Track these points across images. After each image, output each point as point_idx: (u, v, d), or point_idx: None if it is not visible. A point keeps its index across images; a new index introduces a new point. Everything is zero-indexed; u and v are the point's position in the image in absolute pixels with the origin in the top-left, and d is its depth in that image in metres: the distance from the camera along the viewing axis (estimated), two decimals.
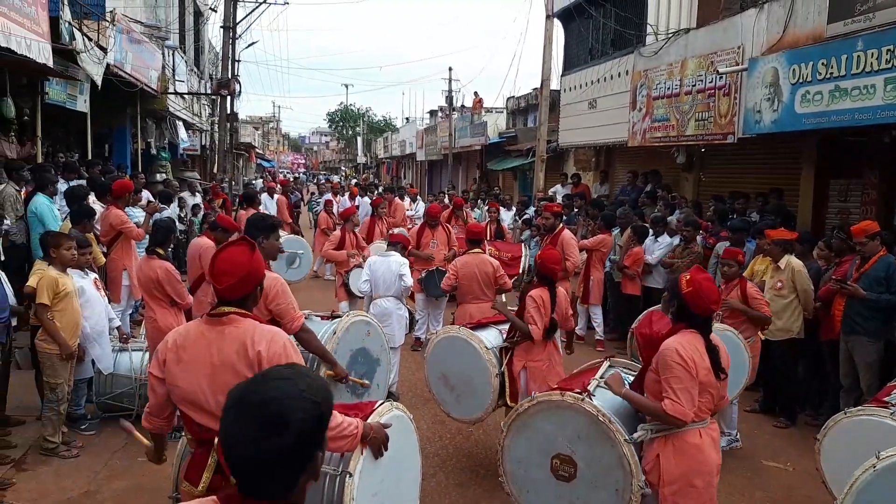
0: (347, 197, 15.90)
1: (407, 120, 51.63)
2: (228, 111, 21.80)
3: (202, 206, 13.67)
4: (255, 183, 27.15)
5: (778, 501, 5.18)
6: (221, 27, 20.93)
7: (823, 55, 7.78)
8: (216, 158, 23.08)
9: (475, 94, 31.00)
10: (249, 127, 46.33)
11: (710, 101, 10.39)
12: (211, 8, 22.93)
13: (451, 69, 35.21)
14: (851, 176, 9.14)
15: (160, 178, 15.60)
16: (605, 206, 11.00)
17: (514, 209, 15.31)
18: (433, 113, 41.92)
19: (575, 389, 3.67)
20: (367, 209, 12.59)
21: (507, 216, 13.96)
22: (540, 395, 3.77)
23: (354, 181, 29.60)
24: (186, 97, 18.80)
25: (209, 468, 2.59)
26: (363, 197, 15.87)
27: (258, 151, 48.64)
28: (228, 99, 21.00)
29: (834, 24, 7.90)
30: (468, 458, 5.72)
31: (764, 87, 8.80)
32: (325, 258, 9.83)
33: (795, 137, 9.18)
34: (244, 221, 10.95)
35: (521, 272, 9.17)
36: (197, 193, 14.77)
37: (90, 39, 10.15)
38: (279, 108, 70.93)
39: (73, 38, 9.31)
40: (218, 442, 2.59)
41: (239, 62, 23.72)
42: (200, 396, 2.59)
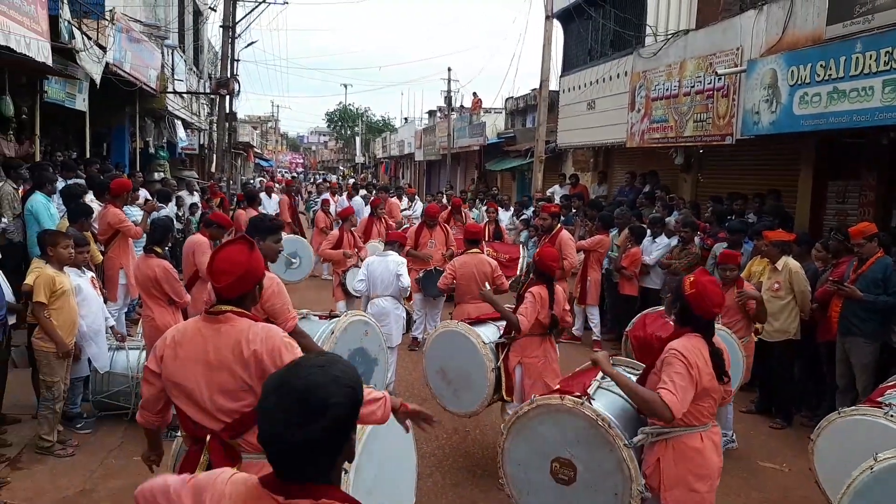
0: (346, 196, 15.92)
1: (405, 120, 51.61)
2: (227, 110, 21.78)
3: (200, 205, 13.66)
4: (253, 182, 27.14)
5: (774, 502, 5.19)
6: (221, 26, 20.92)
7: (822, 57, 7.79)
8: (214, 158, 23.08)
9: (474, 94, 31.04)
10: (248, 126, 46.35)
11: (708, 102, 10.39)
12: (210, 7, 22.93)
13: (450, 69, 35.26)
14: (849, 177, 9.15)
15: (158, 176, 15.59)
16: (603, 206, 11.01)
17: (511, 209, 15.35)
18: (432, 113, 41.90)
19: (575, 392, 3.65)
20: (358, 209, 12.63)
21: (504, 216, 13.97)
22: (539, 398, 3.74)
23: (352, 181, 29.57)
24: (185, 96, 18.79)
25: (201, 465, 2.59)
26: (354, 197, 15.94)
27: (256, 151, 48.59)
28: (227, 98, 20.98)
29: (833, 25, 7.91)
30: (465, 457, 5.72)
31: (762, 88, 8.81)
32: (322, 257, 9.85)
33: (794, 139, 9.18)
34: (242, 220, 11.06)
35: (518, 273, 9.17)
36: (195, 192, 14.77)
37: (89, 38, 10.14)
38: (278, 107, 71.10)
39: (72, 36, 9.30)
40: (210, 440, 2.59)
41: (238, 61, 23.74)
42: (196, 393, 2.59)
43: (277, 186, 21.46)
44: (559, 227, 8.54)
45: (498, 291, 6.94)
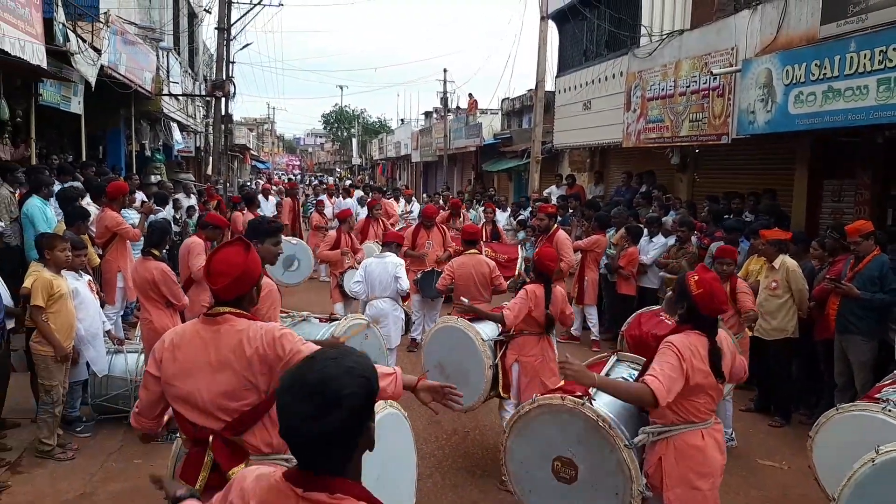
0: (350, 199, 15.98)
1: (402, 121, 51.58)
2: (223, 113, 21.76)
3: (197, 207, 13.65)
4: (249, 185, 27.10)
5: (773, 500, 5.20)
6: (216, 28, 20.86)
7: (817, 56, 7.82)
8: (211, 160, 23.03)
9: (470, 95, 31.01)
10: (244, 128, 46.23)
11: (704, 102, 10.42)
12: (205, 9, 22.91)
13: (445, 71, 35.31)
14: (845, 176, 9.19)
15: (154, 179, 15.56)
16: (600, 206, 11.02)
17: (508, 210, 15.38)
18: (428, 114, 41.88)
19: (577, 392, 3.66)
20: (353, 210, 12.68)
21: (501, 217, 13.98)
22: (541, 397, 3.75)
23: (349, 182, 29.56)
24: (181, 99, 18.77)
25: (206, 467, 2.58)
26: (346, 199, 15.99)
27: (253, 153, 48.53)
28: (223, 100, 20.96)
29: (827, 25, 7.94)
30: (464, 458, 5.72)
31: (758, 87, 8.84)
32: (319, 259, 9.86)
33: (789, 138, 9.22)
34: (238, 223, 11.03)
35: (516, 274, 9.19)
36: (192, 195, 14.75)
37: (84, 41, 10.12)
38: (274, 109, 70.87)
39: (67, 39, 9.28)
40: (213, 440, 2.59)
41: (233, 64, 23.68)
42: (196, 396, 2.59)
43: (274, 189, 21.44)
44: (556, 227, 8.55)
45: (496, 292, 6.96)
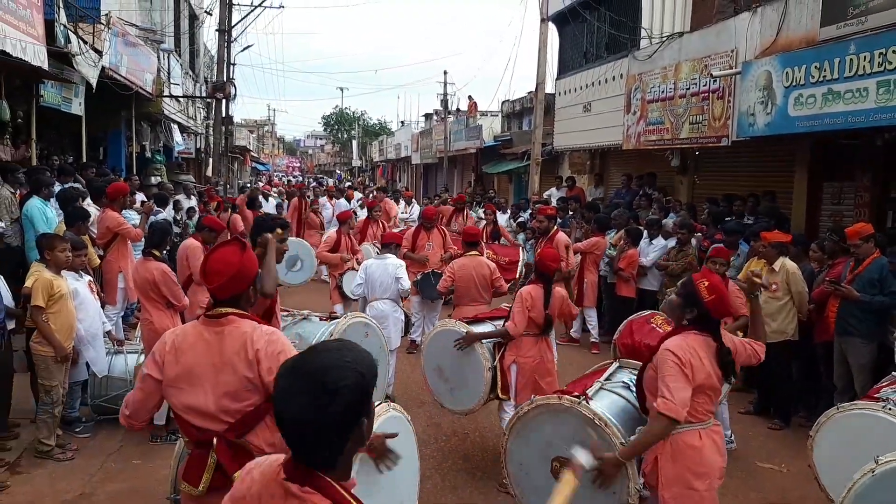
0: (343, 199, 15.98)
1: (402, 123, 51.61)
2: (223, 114, 21.77)
3: (197, 209, 13.65)
4: (248, 186, 27.09)
5: (772, 503, 5.20)
6: (217, 30, 20.91)
7: (816, 58, 7.82)
8: (211, 162, 23.04)
9: (469, 97, 31.05)
10: (244, 130, 46.30)
11: (703, 104, 10.43)
12: (206, 11, 22.93)
13: (446, 73, 35.43)
14: (844, 179, 9.19)
15: (155, 181, 15.56)
16: (600, 208, 11.04)
17: (508, 212, 15.39)
18: (428, 116, 41.91)
19: (574, 392, 3.69)
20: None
21: (501, 219, 13.98)
22: (539, 398, 3.80)
23: (349, 184, 29.58)
24: (181, 100, 18.78)
25: (209, 468, 2.58)
26: (339, 199, 16.01)
27: (253, 155, 48.56)
28: (223, 102, 20.97)
29: (827, 27, 7.95)
30: (464, 460, 5.71)
31: (757, 90, 8.85)
32: (319, 260, 9.87)
33: (789, 140, 9.22)
34: (237, 224, 11.04)
35: (517, 277, 9.19)
36: (192, 196, 14.75)
37: (85, 42, 10.13)
38: (274, 111, 71.15)
39: (68, 40, 9.29)
40: (217, 442, 2.59)
41: (234, 65, 23.72)
42: (201, 398, 2.58)
43: (274, 190, 21.46)
44: (556, 229, 8.56)
45: (497, 294, 6.96)
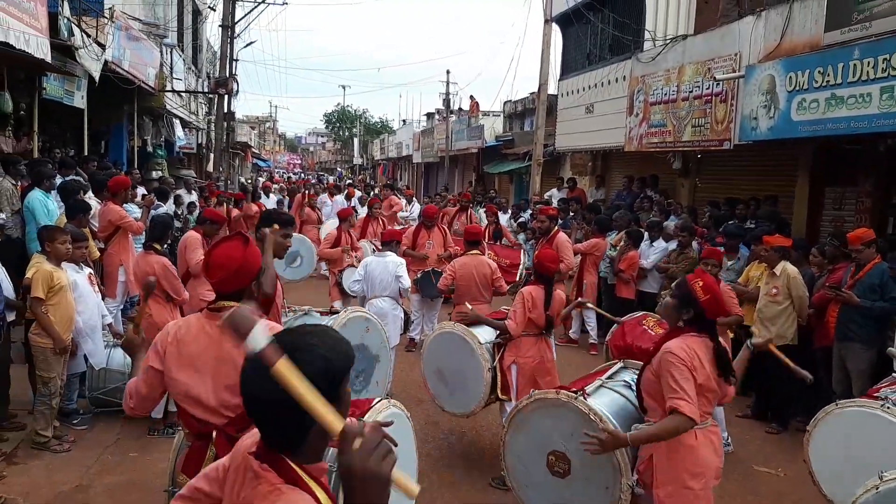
0: (343, 197, 15.97)
1: (404, 122, 51.65)
2: (225, 110, 21.78)
3: (198, 203, 13.66)
4: (250, 182, 27.11)
5: None
6: (220, 26, 20.92)
7: (820, 63, 7.82)
8: (212, 157, 23.04)
9: (471, 97, 31.07)
10: (246, 126, 46.31)
11: (706, 107, 10.43)
12: (210, 7, 22.92)
13: (448, 72, 35.34)
14: (846, 184, 9.19)
15: (156, 175, 15.57)
16: (601, 210, 11.04)
17: (509, 212, 15.40)
18: (430, 115, 41.95)
19: (572, 389, 3.72)
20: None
21: (502, 219, 13.99)
22: (537, 392, 3.86)
23: (349, 181, 29.61)
24: (184, 95, 18.77)
25: (208, 460, 2.58)
26: (335, 196, 16.02)
27: (254, 151, 48.51)
28: (225, 98, 20.98)
29: (831, 32, 7.95)
30: (461, 458, 5.72)
31: (761, 94, 8.84)
32: (320, 256, 9.90)
33: (791, 145, 9.22)
34: (249, 210, 11.10)
35: (517, 279, 9.18)
36: (193, 191, 14.77)
37: (88, 36, 10.13)
38: (276, 107, 70.89)
39: (71, 34, 9.29)
40: (217, 435, 2.59)
41: (237, 61, 23.74)
42: (202, 391, 2.58)
43: (275, 187, 21.46)
44: (556, 229, 8.55)
45: (497, 293, 6.96)
